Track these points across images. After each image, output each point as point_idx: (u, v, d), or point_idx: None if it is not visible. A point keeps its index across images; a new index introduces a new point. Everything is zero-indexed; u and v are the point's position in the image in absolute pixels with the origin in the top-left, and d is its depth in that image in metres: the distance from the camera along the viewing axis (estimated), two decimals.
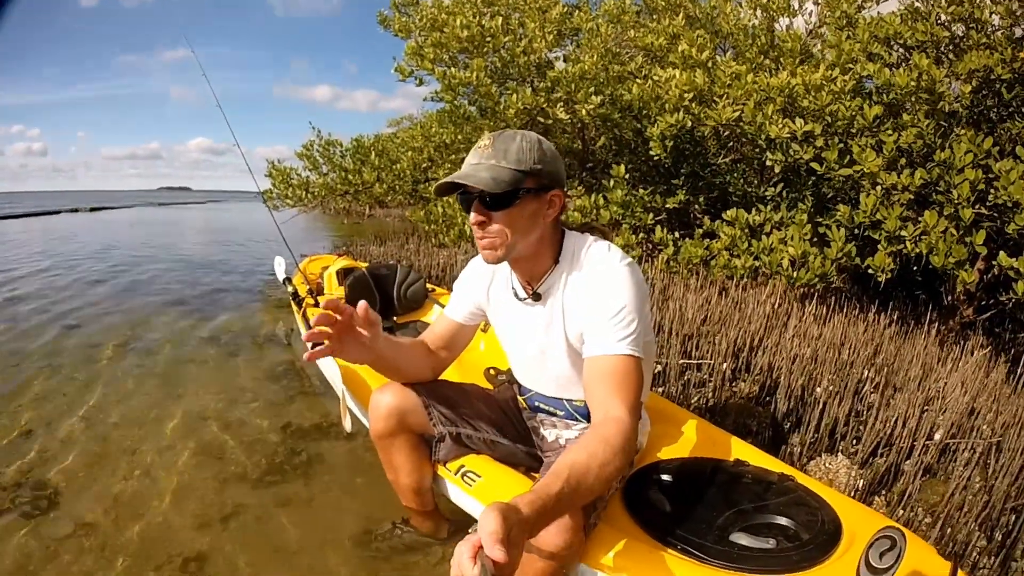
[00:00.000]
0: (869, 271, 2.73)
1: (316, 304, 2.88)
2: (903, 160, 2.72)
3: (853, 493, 1.67)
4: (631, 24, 4.78)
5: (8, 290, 4.82)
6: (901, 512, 1.59)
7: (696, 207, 4.13)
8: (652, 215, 3.99)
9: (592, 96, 4.02)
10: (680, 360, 2.56)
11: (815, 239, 3.09)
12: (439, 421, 1.35)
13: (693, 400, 2.34)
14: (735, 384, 2.43)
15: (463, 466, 1.38)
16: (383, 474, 1.44)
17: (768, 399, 2.27)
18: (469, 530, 0.73)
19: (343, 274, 3.33)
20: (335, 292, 3.25)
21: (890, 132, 2.67)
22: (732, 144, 4.25)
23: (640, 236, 3.90)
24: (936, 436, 1.75)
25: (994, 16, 2.68)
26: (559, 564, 1.00)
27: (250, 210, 22.54)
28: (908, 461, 1.73)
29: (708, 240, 3.51)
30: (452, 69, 4.42)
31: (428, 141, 5.99)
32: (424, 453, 1.39)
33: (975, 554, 1.41)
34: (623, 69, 4.57)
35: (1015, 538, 1.41)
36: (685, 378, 2.46)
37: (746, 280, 3.30)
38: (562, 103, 4.18)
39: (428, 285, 3.22)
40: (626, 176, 3.94)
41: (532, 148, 1.14)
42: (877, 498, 1.69)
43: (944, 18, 2.81)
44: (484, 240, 1.16)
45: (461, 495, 1.37)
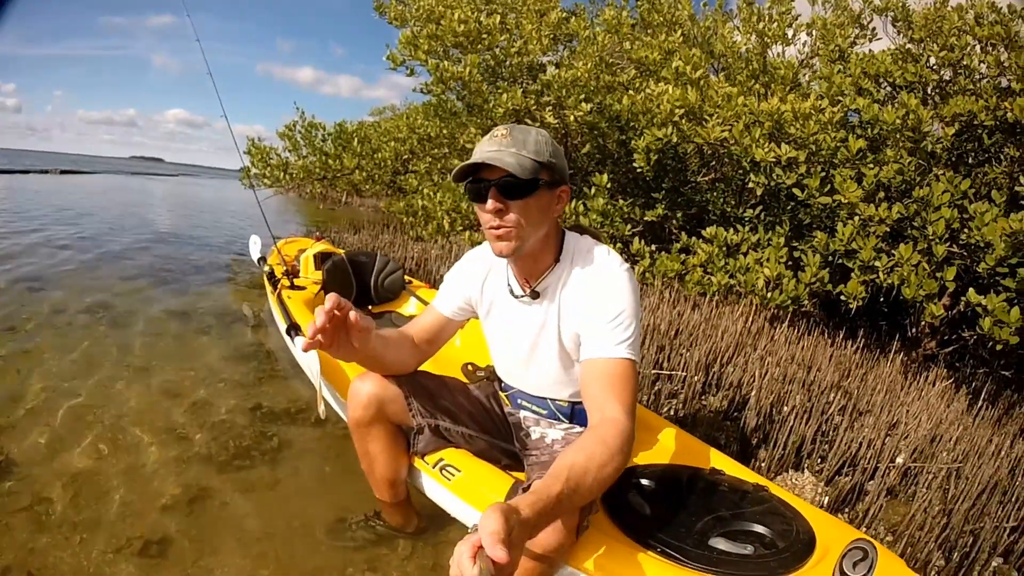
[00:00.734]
0: (841, 298, 2.81)
1: (292, 286, 2.81)
2: (882, 193, 2.82)
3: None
4: (627, 36, 4.84)
5: None
6: (864, 530, 1.64)
7: (674, 222, 4.20)
8: (630, 226, 4.04)
9: (582, 103, 4.05)
10: (652, 370, 2.59)
11: (790, 263, 3.18)
12: (418, 413, 1.33)
13: (664, 410, 2.37)
14: (705, 397, 2.48)
15: (442, 459, 1.36)
16: (354, 463, 1.41)
17: (737, 414, 2.32)
18: (469, 530, 0.72)
19: (320, 258, 3.26)
20: (311, 276, 3.18)
21: (871, 165, 2.77)
22: (714, 164, 4.33)
23: (618, 246, 3.94)
24: (899, 459, 1.81)
25: (982, 65, 2.81)
26: (548, 565, 1.00)
27: (223, 187, 21.94)
28: (872, 481, 1.78)
29: (684, 255, 3.57)
30: (445, 62, 4.39)
31: (412, 133, 5.94)
32: (401, 444, 1.37)
33: (933, 573, 1.46)
34: (614, 80, 4.61)
35: (972, 559, 1.46)
36: (656, 388, 2.49)
37: (718, 297, 3.37)
38: (551, 107, 4.20)
39: (407, 278, 3.19)
40: (608, 186, 3.98)
41: (547, 142, 1.15)
42: (841, 515, 1.74)
43: (934, 61, 2.93)
44: (500, 230, 1.14)
45: (438, 489, 1.35)
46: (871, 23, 3.75)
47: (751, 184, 3.37)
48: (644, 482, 1.35)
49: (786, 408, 2.21)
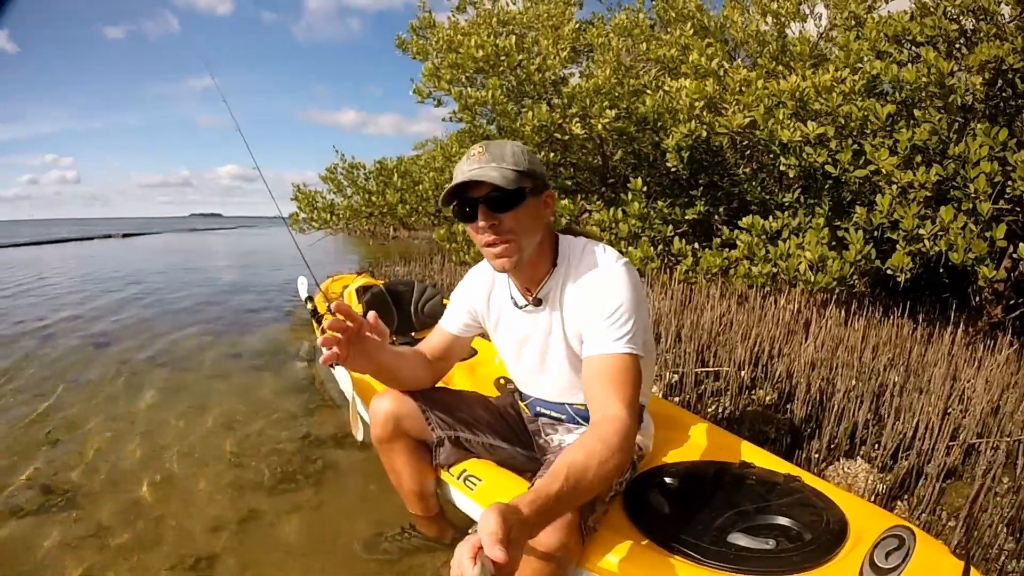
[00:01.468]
0: (889, 272, 2.66)
1: None
2: (919, 158, 2.66)
3: (872, 497, 1.62)
4: (644, 37, 4.82)
5: (42, 310, 5.07)
6: (923, 516, 1.53)
7: (717, 217, 4.10)
8: (671, 227, 3.98)
9: (607, 110, 4.06)
10: (697, 369, 2.53)
11: (834, 243, 3.04)
12: (437, 425, 1.37)
13: (710, 409, 2.30)
14: (753, 392, 2.39)
15: (465, 470, 1.39)
16: None
17: (787, 406, 2.23)
18: (469, 531, 0.74)
19: (362, 291, 3.40)
20: (355, 309, 3.32)
21: (904, 130, 2.62)
22: (750, 153, 4.22)
23: (660, 248, 3.89)
24: (960, 437, 1.69)
25: (1003, 6, 2.62)
26: (555, 565, 0.99)
27: (281, 234, 23.19)
28: (931, 464, 1.66)
29: (727, 249, 3.47)
30: (468, 89, 4.52)
31: (449, 161, 6.10)
32: (424, 458, 1.41)
33: (1003, 557, 1.35)
34: (638, 83, 4.60)
35: None
36: (702, 387, 2.43)
37: (767, 288, 3.26)
38: (578, 118, 4.23)
39: (445, 301, 3.26)
40: (644, 189, 3.94)
41: (523, 151, 1.16)
42: (899, 502, 1.63)
43: (952, 11, 2.75)
44: (497, 246, 1.16)
45: (463, 499, 1.38)
46: None
47: (782, 167, 3.26)
48: (668, 480, 1.33)
49: (838, 395, 2.11)
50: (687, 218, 4.05)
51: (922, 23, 2.78)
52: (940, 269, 2.90)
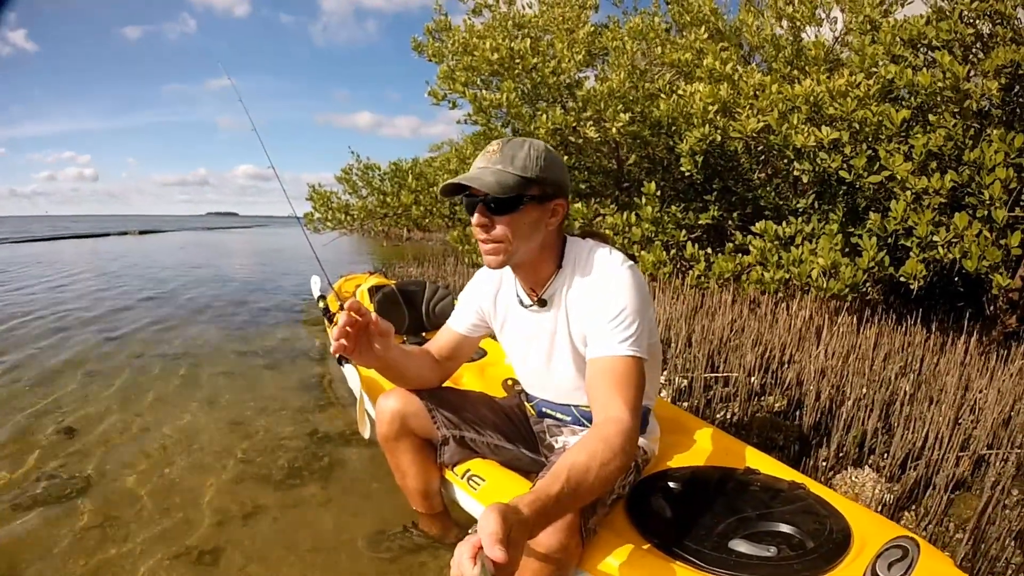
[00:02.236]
0: (902, 279, 2.62)
1: None
2: (933, 163, 2.63)
3: (879, 507, 1.60)
4: (659, 41, 4.81)
5: (57, 305, 5.15)
6: (930, 527, 1.51)
7: (730, 223, 4.08)
8: (685, 232, 3.96)
9: (621, 114, 4.05)
10: (706, 374, 2.52)
11: (848, 250, 3.01)
12: (442, 424, 1.38)
13: (718, 414, 2.29)
14: (762, 398, 2.38)
15: (469, 470, 1.40)
16: None
17: (796, 412, 2.21)
18: (469, 531, 0.75)
19: (374, 291, 3.43)
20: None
21: (919, 135, 2.59)
22: (764, 158, 4.19)
23: (672, 253, 3.88)
24: (970, 448, 1.66)
25: (1020, 10, 2.57)
26: (555, 566, 1.00)
27: (294, 234, 23.46)
28: (939, 474, 1.64)
29: (739, 255, 3.45)
30: (483, 91, 4.54)
31: (463, 164, 6.13)
32: (429, 457, 1.42)
33: (1009, 571, 1.33)
34: (652, 87, 4.59)
35: None
36: (711, 392, 2.42)
37: (779, 294, 3.23)
38: (592, 122, 4.22)
39: (455, 301, 3.28)
40: (658, 193, 3.93)
41: (539, 156, 1.14)
42: (906, 513, 1.62)
43: (968, 15, 2.71)
44: (487, 244, 1.17)
45: (467, 499, 1.39)
46: None
47: (796, 172, 3.23)
48: (671, 485, 1.33)
49: (848, 402, 2.09)
50: (700, 223, 4.03)
51: (938, 27, 2.75)
52: (954, 277, 2.86)
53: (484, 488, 1.34)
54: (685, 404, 2.38)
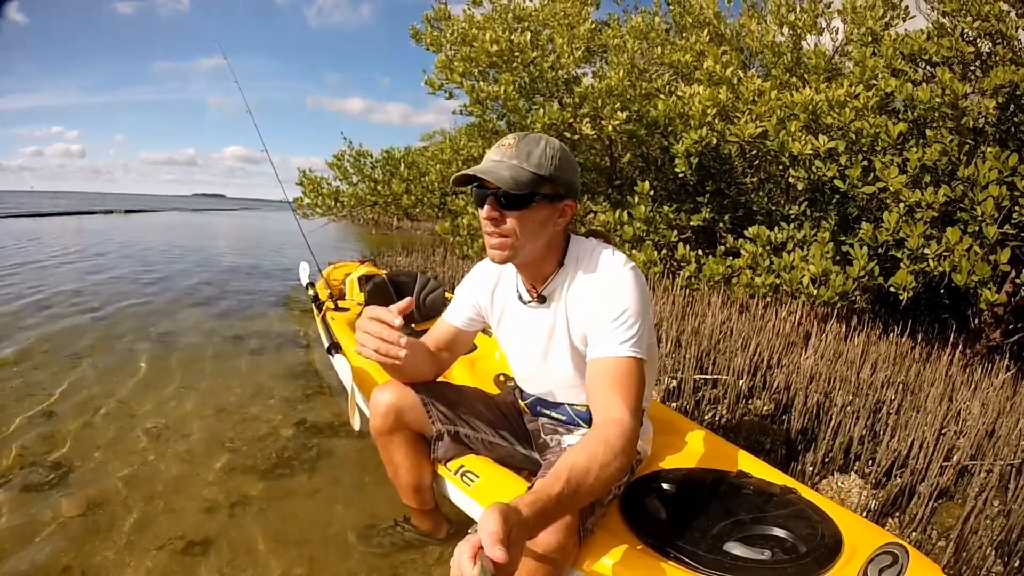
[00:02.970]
0: (891, 290, 2.67)
1: (336, 308, 2.94)
2: (927, 177, 2.67)
3: (864, 513, 1.63)
4: (659, 41, 4.81)
5: (40, 285, 5.01)
6: (914, 534, 1.54)
7: (722, 225, 4.11)
8: (676, 232, 3.98)
9: (618, 112, 4.05)
10: (695, 375, 2.54)
11: (838, 258, 3.04)
12: (437, 419, 1.37)
13: (706, 416, 2.31)
14: (750, 401, 2.40)
15: (462, 466, 1.39)
16: None
17: (783, 417, 2.24)
18: (469, 530, 0.74)
19: (364, 280, 3.40)
20: (355, 297, 3.32)
21: (914, 149, 2.62)
22: (759, 163, 4.22)
23: (663, 252, 3.90)
24: (954, 458, 1.70)
25: (1020, 31, 2.62)
26: (552, 566, 1.00)
27: (284, 219, 23.19)
28: (924, 483, 1.67)
29: (730, 258, 3.48)
30: (481, 83, 4.51)
31: (457, 154, 6.09)
32: (423, 451, 1.41)
33: None
34: (651, 86, 4.59)
35: None
36: (700, 394, 2.43)
37: (769, 298, 3.26)
38: (588, 118, 4.22)
39: (447, 294, 3.26)
40: (651, 193, 3.94)
41: (554, 155, 1.14)
42: (890, 519, 1.64)
43: (969, 33, 2.76)
44: (494, 239, 1.16)
45: (460, 495, 1.38)
46: (903, 1, 3.57)
47: (791, 179, 3.26)
48: (665, 486, 1.33)
49: (835, 409, 2.12)
50: (692, 224, 4.05)
51: (939, 43, 2.78)
52: (941, 289, 2.91)
53: (478, 484, 1.34)
54: (674, 405, 2.39)
